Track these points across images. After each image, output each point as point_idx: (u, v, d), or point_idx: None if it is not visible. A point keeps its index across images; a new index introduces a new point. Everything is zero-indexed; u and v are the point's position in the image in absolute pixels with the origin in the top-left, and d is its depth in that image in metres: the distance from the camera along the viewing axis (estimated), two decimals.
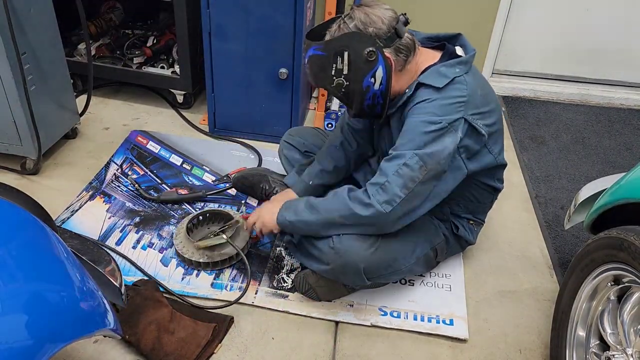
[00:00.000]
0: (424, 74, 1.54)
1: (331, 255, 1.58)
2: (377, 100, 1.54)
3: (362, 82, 1.50)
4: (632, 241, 1.23)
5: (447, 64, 1.54)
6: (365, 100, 1.54)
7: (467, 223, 1.81)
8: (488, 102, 1.57)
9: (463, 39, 1.65)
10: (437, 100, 1.48)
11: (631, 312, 1.28)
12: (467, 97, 1.49)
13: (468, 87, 1.50)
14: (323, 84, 1.55)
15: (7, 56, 1.93)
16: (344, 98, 1.56)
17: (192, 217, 1.95)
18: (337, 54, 1.47)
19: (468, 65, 1.55)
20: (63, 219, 2.03)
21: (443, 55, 1.60)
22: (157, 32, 2.89)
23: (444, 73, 1.51)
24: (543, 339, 1.71)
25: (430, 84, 1.51)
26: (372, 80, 1.50)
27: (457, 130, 1.47)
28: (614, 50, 3.11)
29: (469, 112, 1.49)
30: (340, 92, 1.53)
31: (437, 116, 1.46)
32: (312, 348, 1.63)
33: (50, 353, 0.95)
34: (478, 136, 1.52)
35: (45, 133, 2.19)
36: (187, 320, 1.63)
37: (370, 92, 1.52)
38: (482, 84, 1.59)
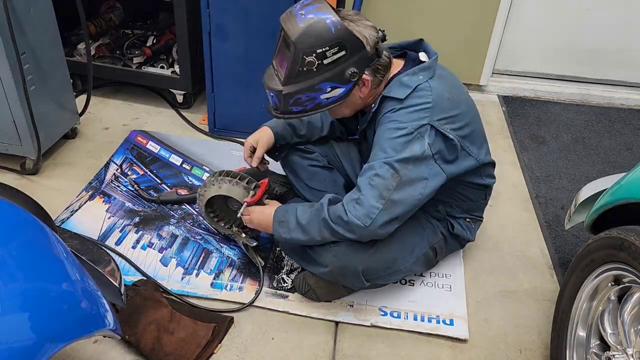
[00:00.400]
0: (387, 86, 1.54)
1: (329, 257, 1.58)
2: (307, 103, 1.50)
3: (321, 82, 1.45)
4: (632, 241, 1.23)
5: (410, 72, 1.53)
6: (302, 93, 1.47)
7: (464, 221, 1.81)
8: (457, 105, 1.55)
9: (425, 44, 1.63)
10: (401, 111, 1.48)
11: (631, 312, 1.28)
12: (432, 102, 1.48)
13: (433, 93, 1.49)
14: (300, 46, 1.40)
15: (7, 56, 1.92)
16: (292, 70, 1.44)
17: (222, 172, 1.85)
18: (338, 45, 1.40)
19: (432, 70, 1.54)
20: (63, 219, 2.02)
21: (406, 63, 1.59)
22: (157, 32, 2.89)
23: (406, 83, 1.51)
24: (543, 339, 1.71)
25: (392, 96, 1.50)
26: (328, 89, 1.47)
27: (423, 136, 1.46)
28: (614, 50, 3.11)
29: (435, 118, 1.48)
30: (298, 66, 1.42)
31: (402, 123, 1.46)
32: (312, 348, 1.63)
33: (50, 353, 0.95)
34: (448, 141, 1.51)
35: (45, 133, 2.19)
36: (187, 321, 1.63)
37: (314, 93, 1.47)
38: (449, 87, 1.56)
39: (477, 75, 3.14)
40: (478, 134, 1.64)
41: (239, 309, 1.71)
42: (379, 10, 2.94)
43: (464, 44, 3.02)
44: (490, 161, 1.70)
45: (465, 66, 3.08)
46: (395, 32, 2.95)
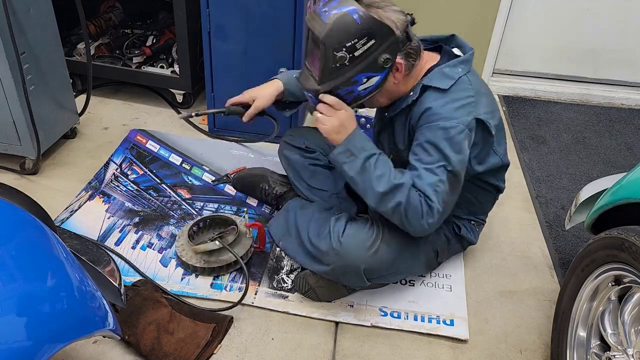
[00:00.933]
0: (427, 76, 1.53)
1: (331, 256, 1.58)
2: (346, 97, 1.49)
3: (356, 75, 1.45)
4: (633, 241, 1.22)
5: (450, 64, 1.52)
6: (340, 89, 1.47)
7: (469, 224, 1.81)
8: (491, 102, 1.57)
9: (458, 39, 1.64)
10: (448, 105, 1.46)
11: (632, 312, 1.28)
12: (474, 96, 1.49)
13: (473, 87, 1.50)
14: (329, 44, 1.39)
15: (7, 56, 1.92)
16: (326, 68, 1.44)
17: (196, 221, 1.94)
18: (366, 35, 1.39)
19: (469, 64, 1.55)
20: (62, 219, 2.02)
21: (442, 56, 1.59)
22: (157, 32, 2.89)
23: (448, 74, 1.50)
24: (544, 339, 1.71)
25: (436, 86, 1.49)
26: (364, 80, 1.46)
27: (472, 131, 1.47)
28: (614, 50, 3.11)
29: (481, 112, 1.49)
30: (330, 63, 1.42)
31: (453, 120, 1.45)
32: (312, 349, 1.63)
33: (49, 353, 0.95)
34: (488, 136, 1.53)
35: (45, 133, 2.19)
36: (187, 321, 1.63)
37: (351, 87, 1.47)
38: (483, 84, 1.59)
39: None
40: (503, 133, 1.66)
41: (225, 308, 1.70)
42: None
43: None
44: (508, 163, 1.71)
45: None
46: None
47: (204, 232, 1.96)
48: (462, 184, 1.52)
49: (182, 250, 1.85)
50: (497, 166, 1.64)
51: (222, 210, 2.13)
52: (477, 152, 1.55)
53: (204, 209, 2.13)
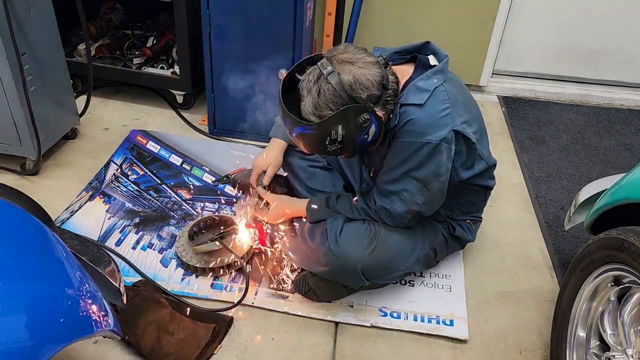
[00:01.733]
0: (403, 94, 1.49)
1: (329, 256, 1.58)
2: (369, 145, 1.52)
3: (356, 141, 1.46)
4: (632, 242, 1.23)
5: (424, 76, 1.50)
6: (358, 150, 1.54)
7: (465, 223, 1.81)
8: (470, 108, 1.57)
9: (432, 46, 1.60)
10: (423, 119, 1.45)
11: (631, 312, 1.28)
12: (450, 107, 1.47)
13: (449, 96, 1.48)
14: (316, 151, 1.55)
15: (7, 56, 1.93)
16: (337, 152, 1.51)
17: (196, 222, 1.94)
18: (330, 130, 1.40)
19: (444, 73, 1.52)
20: (63, 219, 2.02)
21: (417, 68, 1.56)
22: (157, 33, 2.89)
23: (423, 87, 1.48)
24: (543, 339, 1.71)
25: (411, 103, 1.47)
26: (365, 137, 1.47)
27: (449, 143, 1.46)
28: (613, 51, 3.11)
29: (457, 122, 1.48)
30: (335, 152, 1.50)
31: (427, 135, 1.45)
32: (312, 349, 1.63)
33: (50, 354, 0.95)
34: (470, 144, 1.53)
35: (45, 133, 2.19)
36: (187, 321, 1.63)
37: (364, 144, 1.49)
38: (460, 90, 1.57)
39: (477, 76, 3.14)
40: (485, 135, 1.66)
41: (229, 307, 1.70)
42: (378, 11, 2.94)
43: (463, 45, 3.02)
44: (494, 162, 1.71)
45: (465, 66, 3.08)
46: (395, 33, 2.98)
47: (204, 233, 1.96)
48: (440, 190, 1.54)
49: (183, 250, 1.85)
50: (484, 168, 1.65)
51: (222, 210, 2.14)
52: (463, 160, 1.55)
53: (204, 209, 2.14)
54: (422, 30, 2.98)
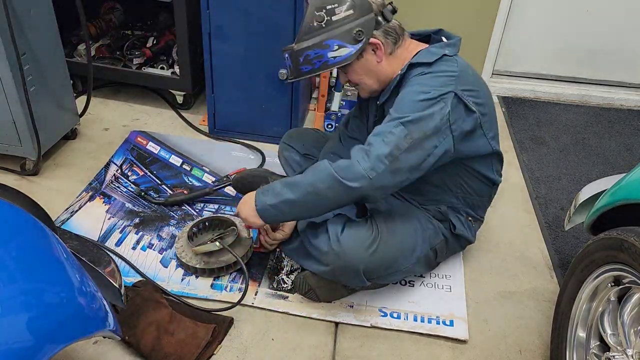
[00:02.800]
0: (415, 56, 1.58)
1: (330, 256, 1.58)
2: (315, 61, 1.55)
3: (328, 39, 1.51)
4: (632, 242, 1.23)
5: (437, 45, 1.58)
6: (311, 49, 1.53)
7: (466, 219, 1.81)
8: (478, 83, 1.59)
9: (445, 32, 1.68)
10: (428, 74, 1.51)
11: (631, 313, 1.28)
12: (457, 72, 1.51)
13: (459, 64, 1.54)
14: (313, 2, 1.52)
15: (7, 57, 1.93)
16: (305, 26, 1.54)
17: (196, 223, 1.94)
18: (347, 2, 1.48)
19: (455, 48, 1.59)
20: (63, 219, 2.02)
21: (431, 43, 1.64)
22: (157, 33, 2.89)
23: (434, 51, 1.55)
24: (543, 339, 1.71)
25: (421, 61, 1.54)
26: (335, 46, 1.51)
27: (446, 102, 1.47)
28: (614, 51, 3.11)
29: (460, 87, 1.49)
30: (309, 21, 1.52)
31: (427, 87, 1.48)
32: (312, 349, 1.63)
33: (49, 354, 0.95)
34: (469, 113, 1.52)
35: (45, 134, 2.19)
36: (187, 322, 1.63)
37: (322, 50, 1.53)
38: (472, 70, 1.62)
39: None
40: (493, 119, 1.66)
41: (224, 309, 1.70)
42: None
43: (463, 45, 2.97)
44: (499, 151, 1.71)
45: None
46: None
47: (204, 233, 1.96)
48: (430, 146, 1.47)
49: (182, 251, 1.85)
50: (486, 151, 1.64)
51: (222, 211, 2.14)
52: (458, 126, 1.51)
53: (204, 209, 2.14)
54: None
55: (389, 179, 1.46)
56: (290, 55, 1.58)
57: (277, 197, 1.54)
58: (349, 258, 1.56)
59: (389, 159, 1.44)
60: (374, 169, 1.44)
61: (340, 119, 2.67)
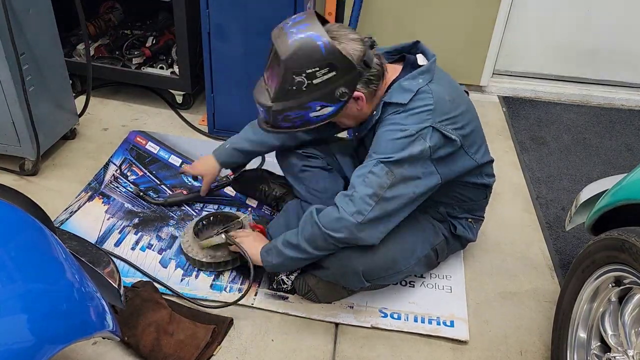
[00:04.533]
0: (388, 92, 1.53)
1: (330, 259, 1.58)
2: (296, 120, 1.50)
3: (310, 102, 1.45)
4: (633, 242, 1.22)
5: (409, 76, 1.52)
6: (291, 111, 1.47)
7: (466, 222, 1.81)
8: (457, 106, 1.55)
9: (422, 45, 1.63)
10: (403, 114, 1.48)
11: (632, 313, 1.28)
12: (433, 105, 1.48)
13: (434, 96, 1.49)
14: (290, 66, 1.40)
15: (6, 57, 1.92)
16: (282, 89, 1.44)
17: (202, 218, 1.95)
18: (328, 66, 1.40)
19: (431, 73, 1.53)
20: (62, 220, 2.02)
21: (404, 67, 1.59)
22: (156, 33, 2.89)
23: (408, 87, 1.50)
24: (544, 340, 1.70)
25: (395, 101, 1.50)
26: (317, 107, 1.47)
27: (425, 138, 1.45)
28: (615, 51, 3.11)
29: (437, 120, 1.47)
30: (287, 85, 1.43)
31: (404, 125, 1.46)
32: (312, 350, 1.63)
33: (49, 355, 0.95)
34: (449, 142, 1.51)
35: (44, 134, 2.19)
36: (186, 322, 1.62)
37: (303, 112, 1.47)
38: (448, 89, 1.56)
39: (478, 76, 3.14)
40: (477, 133, 1.64)
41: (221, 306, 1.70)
42: (379, 10, 2.94)
43: (464, 45, 3.01)
44: (489, 160, 1.70)
45: (465, 66, 3.08)
46: (395, 32, 2.98)
47: (209, 229, 1.96)
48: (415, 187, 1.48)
49: (189, 246, 1.85)
50: (472, 167, 1.63)
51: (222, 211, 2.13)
52: (440, 157, 1.50)
53: (203, 210, 2.13)
54: (423, 31, 2.98)
55: (377, 215, 1.46)
56: (266, 111, 1.51)
57: (280, 257, 1.59)
58: (349, 260, 1.56)
59: (373, 199, 1.44)
60: (360, 212, 1.44)
61: None
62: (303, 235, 1.53)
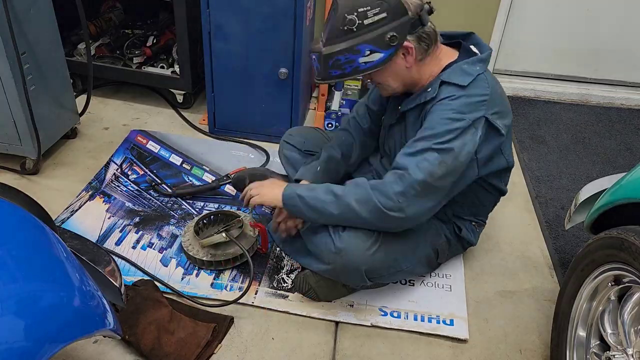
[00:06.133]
0: (446, 72, 1.52)
1: (332, 255, 1.58)
2: (346, 66, 1.48)
3: (360, 44, 1.43)
4: (632, 241, 1.22)
5: (469, 61, 1.52)
6: (341, 54, 1.45)
7: (470, 224, 1.81)
8: (504, 101, 1.57)
9: (476, 37, 1.63)
10: (462, 98, 1.47)
11: (632, 312, 1.27)
12: (489, 95, 1.48)
13: (490, 86, 1.50)
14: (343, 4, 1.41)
15: (7, 56, 1.92)
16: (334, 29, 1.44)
17: (202, 216, 1.96)
18: (380, 6, 1.39)
19: (487, 63, 1.55)
20: (63, 219, 2.02)
21: (461, 53, 1.59)
22: (157, 32, 2.89)
23: (468, 71, 1.50)
24: (543, 339, 1.71)
25: (454, 82, 1.49)
26: (367, 52, 1.45)
27: (477, 128, 1.46)
28: (614, 50, 3.11)
29: (490, 111, 1.48)
30: (339, 25, 1.42)
31: (461, 113, 1.45)
32: (312, 348, 1.63)
33: (50, 353, 0.95)
34: (497, 136, 1.52)
35: (45, 133, 2.19)
36: (187, 321, 1.63)
37: (353, 55, 1.45)
38: (498, 84, 1.59)
39: None
40: (510, 134, 1.65)
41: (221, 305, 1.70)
42: None
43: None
44: (513, 164, 1.70)
45: None
46: None
47: (209, 228, 1.97)
48: (460, 172, 1.49)
49: (189, 244, 1.85)
50: (503, 167, 1.64)
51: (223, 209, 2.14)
52: (484, 152, 1.52)
53: (204, 209, 2.14)
54: None
55: (418, 205, 1.46)
56: (318, 58, 1.49)
57: (310, 192, 1.55)
58: (351, 257, 1.56)
59: (421, 185, 1.44)
60: (404, 194, 1.44)
61: (340, 118, 2.67)
62: (346, 188, 1.52)
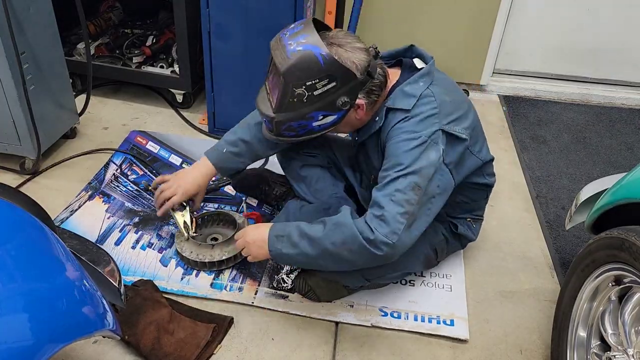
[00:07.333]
0: (390, 98, 1.52)
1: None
2: (299, 130, 1.50)
3: (312, 112, 1.45)
4: (633, 241, 1.22)
5: (411, 80, 1.51)
6: (294, 121, 1.48)
7: (466, 221, 1.81)
8: (458, 105, 1.55)
9: (417, 49, 1.62)
10: (412, 119, 1.47)
11: (632, 312, 1.28)
12: (437, 108, 1.47)
13: (436, 99, 1.49)
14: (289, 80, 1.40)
15: (6, 56, 1.92)
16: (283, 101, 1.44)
17: (196, 218, 1.95)
18: (327, 77, 1.39)
19: (431, 75, 1.53)
20: (62, 218, 2.02)
21: (403, 72, 1.58)
22: (157, 32, 2.89)
23: (410, 92, 1.49)
24: (544, 339, 1.71)
25: (399, 107, 1.49)
26: (320, 117, 1.47)
27: (437, 142, 1.45)
28: (615, 50, 3.11)
29: (444, 122, 1.47)
30: (288, 98, 1.42)
31: (415, 132, 1.45)
32: (312, 349, 1.63)
33: (49, 353, 0.95)
34: (460, 142, 1.51)
35: (45, 133, 2.19)
36: (187, 321, 1.63)
37: (306, 122, 1.48)
38: (448, 90, 1.56)
39: (478, 75, 3.14)
40: (479, 131, 1.64)
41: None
42: (379, 9, 2.94)
43: (464, 44, 3.01)
44: (490, 158, 1.70)
45: (465, 66, 3.08)
46: (396, 31, 2.98)
47: (203, 229, 1.96)
48: (436, 197, 1.47)
49: (183, 246, 1.85)
50: (476, 167, 1.63)
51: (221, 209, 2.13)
52: (452, 159, 1.51)
53: (203, 208, 2.13)
54: (423, 30, 2.98)
55: (409, 236, 1.44)
56: (269, 121, 1.51)
57: (295, 249, 1.50)
58: None
59: (404, 217, 1.40)
60: (394, 232, 1.40)
61: None
62: (330, 234, 1.45)
